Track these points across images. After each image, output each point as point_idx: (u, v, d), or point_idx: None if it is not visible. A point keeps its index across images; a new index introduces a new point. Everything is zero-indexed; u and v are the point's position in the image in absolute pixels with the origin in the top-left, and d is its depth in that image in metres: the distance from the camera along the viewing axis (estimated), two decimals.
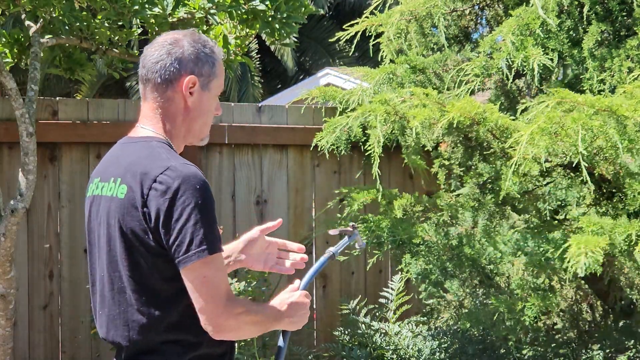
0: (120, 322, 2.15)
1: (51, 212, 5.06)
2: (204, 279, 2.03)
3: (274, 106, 5.75)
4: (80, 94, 15.48)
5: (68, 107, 5.11)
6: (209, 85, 2.22)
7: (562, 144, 3.69)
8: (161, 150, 2.15)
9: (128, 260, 2.11)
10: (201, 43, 2.22)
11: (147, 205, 2.05)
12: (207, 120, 2.27)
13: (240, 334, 2.13)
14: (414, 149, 4.70)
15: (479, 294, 4.73)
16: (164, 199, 2.03)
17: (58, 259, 5.08)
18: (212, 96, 2.25)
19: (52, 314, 5.07)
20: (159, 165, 2.09)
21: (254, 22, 4.75)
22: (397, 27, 5.28)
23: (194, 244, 2.01)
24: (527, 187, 4.42)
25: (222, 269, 2.07)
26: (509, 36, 4.48)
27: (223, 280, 2.06)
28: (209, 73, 2.22)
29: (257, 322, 2.15)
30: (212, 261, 2.04)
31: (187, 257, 2.02)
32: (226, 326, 2.06)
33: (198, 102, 2.22)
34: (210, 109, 2.26)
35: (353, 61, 16.02)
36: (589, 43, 4.49)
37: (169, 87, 2.19)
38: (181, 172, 2.06)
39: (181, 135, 2.24)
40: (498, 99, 4.97)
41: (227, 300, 2.05)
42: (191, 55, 2.19)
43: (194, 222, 2.02)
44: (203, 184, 2.06)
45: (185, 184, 2.04)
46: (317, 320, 5.67)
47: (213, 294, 2.04)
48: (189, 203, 2.02)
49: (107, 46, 4.81)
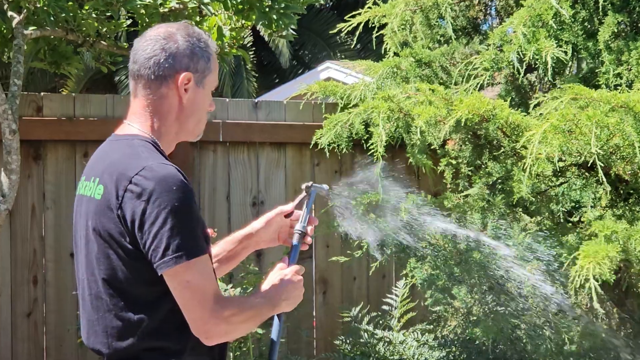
0: (99, 328, 2.16)
1: (35, 213, 5.05)
2: (187, 284, 2.04)
3: (272, 102, 5.74)
4: (66, 89, 15.47)
5: (53, 102, 5.10)
6: (203, 81, 2.23)
7: (576, 142, 3.68)
8: (142, 149, 2.15)
9: (105, 263, 2.11)
10: (196, 37, 2.23)
11: (122, 207, 2.06)
12: (201, 117, 2.27)
13: (234, 335, 2.15)
14: (419, 148, 4.70)
15: (488, 301, 4.72)
16: (139, 201, 2.04)
17: (43, 264, 5.07)
18: (206, 92, 2.26)
19: (37, 321, 5.06)
20: (135, 165, 2.08)
21: (250, 13, 4.74)
22: (401, 18, 5.27)
23: (170, 249, 2.01)
24: (539, 187, 4.42)
25: (205, 272, 2.07)
26: (520, 28, 4.47)
27: (208, 284, 2.06)
28: (204, 69, 2.23)
29: (250, 318, 2.16)
30: (194, 265, 2.04)
31: (164, 262, 2.02)
32: (217, 332, 2.08)
33: (192, 99, 2.22)
34: (205, 106, 2.27)
35: (355, 54, 16.01)
36: (604, 35, 4.49)
37: (163, 84, 2.19)
38: (157, 173, 2.06)
39: (172, 132, 2.24)
40: (508, 95, 4.96)
41: (214, 304, 2.06)
42: (186, 50, 2.20)
43: (171, 227, 2.02)
44: (181, 185, 2.06)
45: (161, 185, 2.04)
46: (316, 329, 5.67)
47: (198, 299, 2.05)
48: (165, 206, 2.02)
49: (94, 38, 4.80)
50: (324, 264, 5.64)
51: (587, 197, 4.39)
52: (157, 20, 4.72)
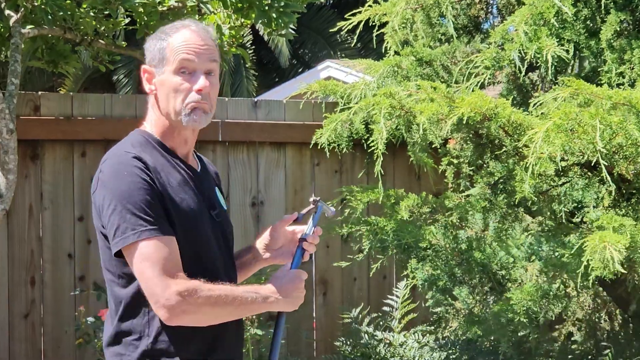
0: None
1: (33, 214, 5.05)
2: (137, 265, 2.12)
3: (271, 101, 5.74)
4: (64, 88, 15.46)
5: (51, 102, 5.10)
6: (161, 67, 2.27)
7: (578, 141, 3.68)
8: (127, 140, 2.28)
9: (101, 250, 2.25)
10: (167, 27, 2.31)
11: (95, 193, 2.22)
12: (170, 98, 2.27)
13: (196, 317, 2.14)
14: (420, 146, 4.69)
15: (489, 302, 4.72)
16: (101, 187, 2.19)
17: (40, 264, 5.07)
18: (166, 74, 2.26)
19: (34, 322, 5.06)
20: (108, 154, 2.24)
21: (249, 11, 4.74)
22: (402, 17, 5.26)
23: (120, 229, 2.12)
24: (541, 187, 4.41)
25: (155, 252, 2.11)
26: (521, 26, 4.47)
27: (158, 264, 2.11)
28: (158, 55, 2.27)
29: (219, 303, 2.15)
30: (141, 245, 2.11)
31: (115, 243, 2.14)
32: (170, 309, 2.10)
33: (159, 87, 2.28)
34: (170, 87, 2.26)
35: (355, 53, 16.00)
36: (607, 33, 4.48)
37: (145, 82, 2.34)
38: (113, 159, 2.19)
39: (167, 125, 2.30)
40: (510, 93, 4.96)
41: (162, 285, 2.10)
42: (149, 46, 2.31)
43: (120, 209, 2.12)
44: (131, 171, 2.15)
45: (114, 171, 2.17)
46: (316, 330, 5.67)
47: (146, 279, 2.11)
48: (115, 190, 2.14)
49: (92, 37, 4.80)
50: (324, 265, 5.64)
51: (589, 197, 4.38)
52: (156, 19, 4.72)
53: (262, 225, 5.50)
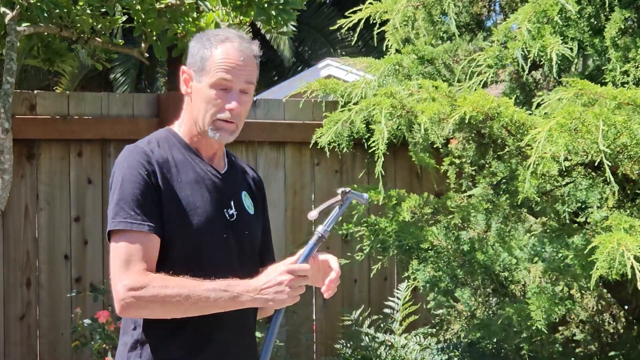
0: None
1: (29, 214, 5.05)
2: (112, 253, 2.23)
3: (270, 100, 5.74)
4: (60, 86, 15.46)
5: (47, 101, 5.09)
6: (200, 75, 2.32)
7: (582, 141, 3.68)
8: (150, 135, 2.37)
9: None
10: (212, 35, 2.35)
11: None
12: (201, 109, 2.32)
13: (142, 313, 2.21)
14: (422, 146, 4.69)
15: (492, 304, 4.71)
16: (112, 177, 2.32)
17: (36, 266, 5.07)
18: (203, 86, 2.31)
19: (30, 325, 5.05)
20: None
21: (248, 9, 4.75)
22: (403, 14, 5.26)
23: (109, 217, 2.24)
24: (545, 187, 4.41)
25: (129, 244, 2.20)
26: (524, 24, 4.47)
27: (127, 256, 2.19)
28: (200, 63, 2.31)
29: (170, 301, 2.16)
30: (120, 235, 2.21)
31: (107, 230, 2.26)
32: (120, 302, 2.18)
33: (194, 93, 2.34)
34: (204, 99, 2.31)
35: (356, 51, 15.99)
36: (611, 31, 4.48)
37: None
38: (123, 154, 2.30)
39: (195, 128, 2.36)
40: (513, 92, 4.96)
41: (122, 276, 2.18)
42: (192, 49, 2.35)
43: (116, 199, 2.24)
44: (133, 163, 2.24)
45: (120, 163, 2.28)
46: (316, 332, 5.66)
47: (113, 267, 2.22)
48: (115, 182, 2.27)
49: (89, 35, 4.80)
50: None
51: (593, 198, 4.38)
52: (153, 16, 4.72)
53: None
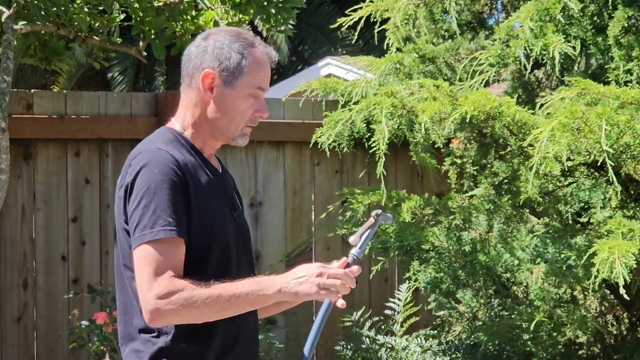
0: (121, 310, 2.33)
1: (25, 215, 5.05)
2: (139, 262, 2.15)
3: (270, 99, 5.73)
4: (57, 85, 15.46)
5: (44, 100, 5.09)
6: (234, 82, 2.29)
7: (585, 140, 3.68)
8: (157, 137, 2.30)
9: (120, 246, 2.28)
10: (234, 37, 2.31)
11: (122, 189, 2.24)
12: (234, 118, 2.32)
13: (177, 319, 2.16)
14: (423, 146, 4.69)
15: (494, 305, 4.71)
16: (131, 182, 2.21)
17: (33, 267, 5.07)
18: (238, 94, 2.30)
19: (27, 327, 5.05)
20: (138, 150, 2.26)
21: (247, 7, 4.75)
22: (404, 13, 5.26)
23: (139, 227, 2.16)
24: (547, 188, 4.41)
25: (159, 253, 2.14)
26: (527, 22, 4.47)
27: (157, 264, 2.14)
28: (234, 70, 2.28)
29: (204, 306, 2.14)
30: (156, 245, 2.14)
31: (133, 240, 2.17)
32: (150, 312, 2.14)
33: (220, 99, 2.29)
34: (238, 109, 2.31)
35: (356, 50, 15.99)
36: (614, 30, 4.48)
37: (192, 81, 2.31)
38: (146, 157, 2.21)
39: (206, 131, 2.33)
40: (515, 91, 4.96)
41: (152, 284, 2.13)
42: (215, 49, 2.29)
43: (143, 206, 2.16)
44: (162, 168, 2.17)
45: (145, 168, 2.19)
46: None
47: (142, 276, 2.15)
48: (142, 187, 2.17)
49: (86, 33, 4.80)
50: None
51: (596, 198, 4.38)
52: (152, 15, 4.72)
53: (261, 226, 5.50)
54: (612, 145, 3.61)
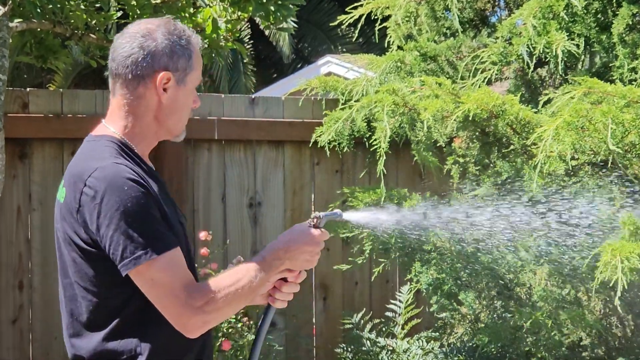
0: (72, 330, 2.26)
1: (21, 215, 5.05)
2: (152, 283, 2.11)
3: (269, 98, 5.73)
4: (53, 84, 15.47)
5: (40, 98, 5.09)
6: (185, 79, 2.27)
7: (590, 139, 3.68)
8: (104, 149, 2.22)
9: (73, 267, 2.20)
10: (177, 34, 2.26)
11: (80, 211, 2.13)
12: (182, 115, 2.31)
13: (216, 321, 2.17)
14: (425, 145, 4.69)
15: (497, 307, 4.71)
16: (93, 204, 2.11)
17: (29, 268, 5.06)
18: (188, 90, 2.29)
19: (22, 329, 5.05)
20: (90, 167, 2.16)
21: (246, 4, 4.74)
22: (405, 10, 5.26)
23: (128, 250, 2.08)
24: (551, 187, 4.41)
25: (170, 266, 2.11)
26: (530, 19, 4.47)
27: (175, 278, 2.11)
28: (185, 67, 2.26)
29: (232, 299, 2.15)
30: (155, 263, 2.09)
31: (124, 265, 2.10)
32: (194, 324, 2.12)
33: (173, 98, 2.26)
34: (187, 104, 2.30)
35: (357, 48, 15.99)
36: (619, 27, 4.48)
37: (141, 83, 2.24)
38: (108, 173, 2.12)
39: (151, 132, 2.29)
40: (518, 90, 4.96)
41: (186, 296, 2.10)
42: (165, 49, 2.23)
43: (125, 228, 2.08)
44: (131, 184, 2.11)
45: (111, 185, 2.10)
46: (316, 336, 5.66)
47: (167, 295, 2.10)
48: (117, 207, 2.09)
49: (83, 31, 4.79)
50: (324, 269, 5.63)
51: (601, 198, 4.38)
52: (149, 12, 4.72)
53: (260, 227, 5.50)
54: (617, 144, 3.60)
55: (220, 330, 4.79)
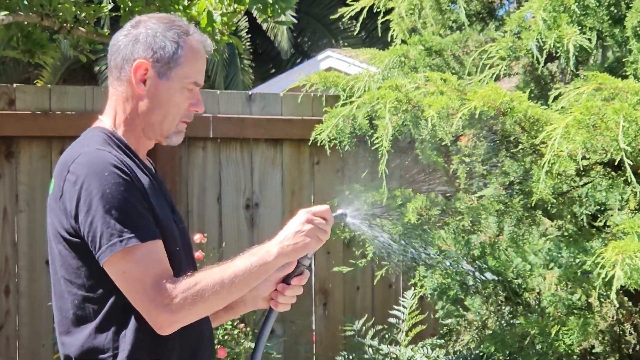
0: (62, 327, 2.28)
1: (7, 217, 5.05)
2: (124, 275, 2.12)
3: (267, 94, 5.74)
4: (41, 80, 15.47)
5: (27, 95, 5.10)
6: (168, 73, 2.25)
7: (601, 138, 3.68)
8: (91, 138, 2.25)
9: (59, 260, 2.21)
10: (168, 24, 2.26)
11: (62, 198, 2.15)
12: (169, 114, 2.29)
13: (192, 317, 2.16)
14: (429, 144, 4.69)
15: (504, 313, 4.72)
16: (74, 190, 2.13)
17: (15, 272, 5.07)
18: (174, 87, 2.27)
19: (9, 335, 5.06)
20: (75, 153, 2.20)
21: None
22: (409, 3, 5.27)
23: (104, 237, 2.10)
24: (561, 188, 4.41)
25: (144, 260, 2.11)
26: (539, 12, 4.47)
27: (147, 272, 2.11)
28: (169, 60, 2.25)
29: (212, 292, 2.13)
30: (130, 254, 2.10)
31: (101, 252, 2.11)
32: (163, 321, 2.12)
33: (153, 91, 2.26)
34: (174, 102, 2.28)
35: (358, 42, 16.01)
36: (632, 21, 4.48)
37: (122, 72, 2.26)
38: (89, 158, 2.15)
39: (139, 128, 2.30)
40: (527, 86, 4.96)
41: (155, 294, 2.10)
42: (147, 37, 2.24)
43: (103, 214, 2.10)
44: (112, 170, 2.12)
45: (92, 170, 2.12)
46: (316, 344, 5.67)
47: (137, 290, 2.11)
48: (96, 193, 2.11)
49: (72, 24, 4.80)
50: (324, 273, 5.64)
51: (613, 199, 4.38)
52: (141, 5, 4.72)
53: (257, 229, 5.50)
54: (630, 143, 3.61)
55: (215, 337, 4.79)
